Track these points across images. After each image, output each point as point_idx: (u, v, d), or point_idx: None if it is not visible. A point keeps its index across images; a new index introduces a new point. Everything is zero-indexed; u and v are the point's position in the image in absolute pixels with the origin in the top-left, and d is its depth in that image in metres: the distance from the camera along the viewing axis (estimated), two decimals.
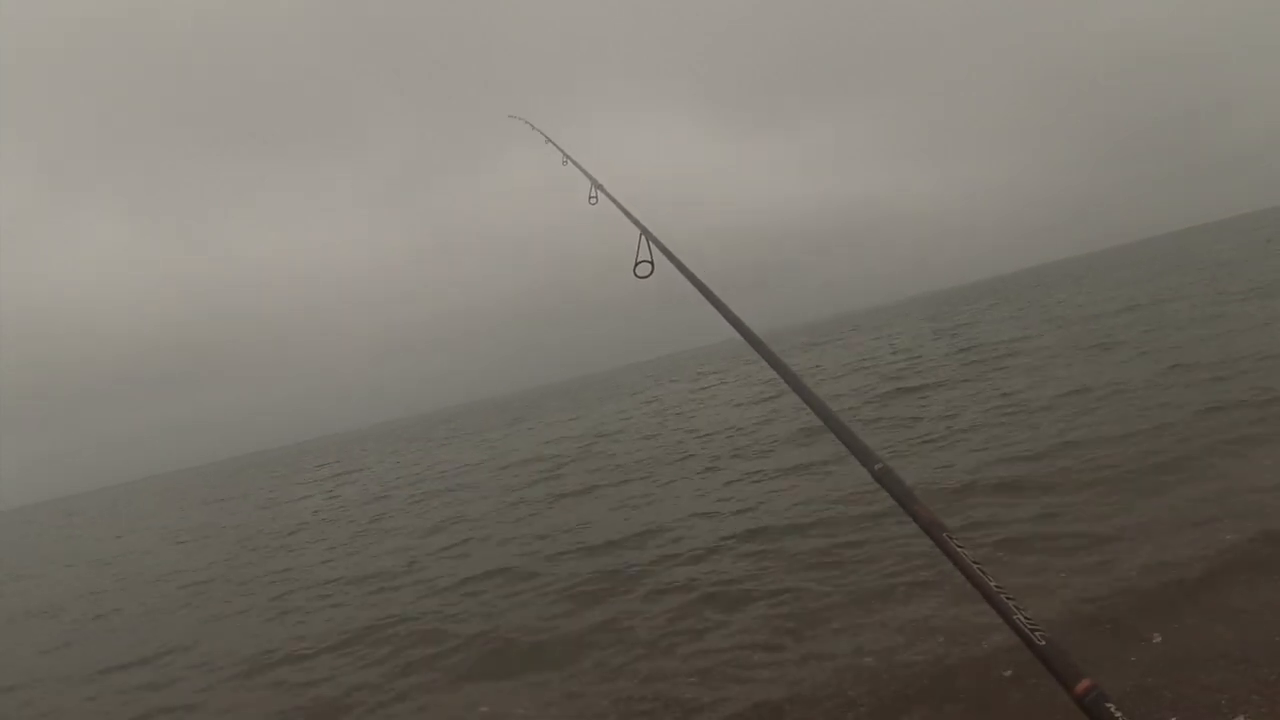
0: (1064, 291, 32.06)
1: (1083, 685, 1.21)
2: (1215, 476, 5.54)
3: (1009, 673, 3.57)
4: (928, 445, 8.69)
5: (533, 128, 4.53)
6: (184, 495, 38.38)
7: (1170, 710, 3.07)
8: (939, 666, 3.85)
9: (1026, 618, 1.31)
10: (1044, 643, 1.29)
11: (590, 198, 3.61)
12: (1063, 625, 3.85)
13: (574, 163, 3.98)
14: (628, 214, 3.22)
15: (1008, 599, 1.35)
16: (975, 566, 1.41)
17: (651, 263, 2.83)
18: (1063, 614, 4.02)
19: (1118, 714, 1.18)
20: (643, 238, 2.92)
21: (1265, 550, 4.23)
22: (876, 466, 1.66)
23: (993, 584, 1.38)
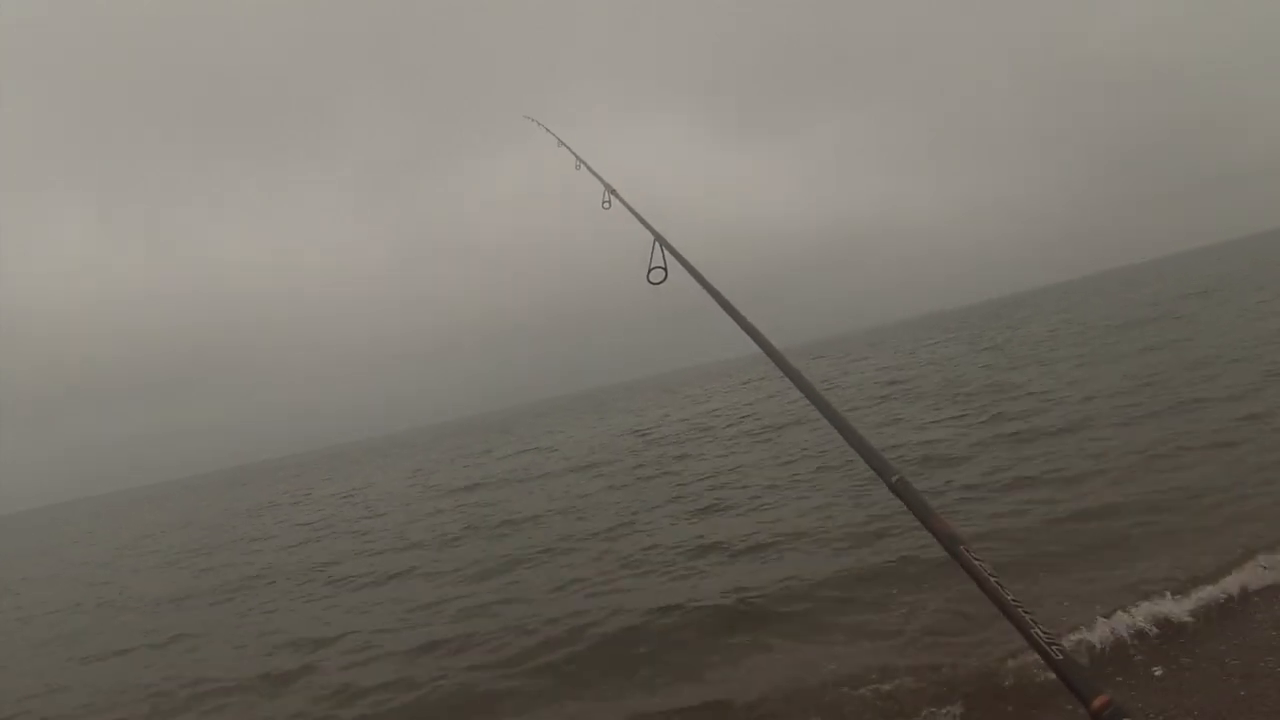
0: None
1: (1100, 700, 1.22)
2: None
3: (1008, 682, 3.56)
4: None
5: (547, 130, 4.54)
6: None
7: None
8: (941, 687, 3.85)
9: (1044, 631, 1.32)
10: (1061, 657, 1.29)
11: (604, 203, 3.61)
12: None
13: (588, 167, 3.98)
14: (641, 220, 3.22)
15: (1025, 612, 1.36)
16: (992, 579, 1.41)
17: (665, 269, 2.83)
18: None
19: None
20: (656, 243, 2.92)
21: None
22: (894, 479, 1.66)
23: (1009, 597, 1.38)
